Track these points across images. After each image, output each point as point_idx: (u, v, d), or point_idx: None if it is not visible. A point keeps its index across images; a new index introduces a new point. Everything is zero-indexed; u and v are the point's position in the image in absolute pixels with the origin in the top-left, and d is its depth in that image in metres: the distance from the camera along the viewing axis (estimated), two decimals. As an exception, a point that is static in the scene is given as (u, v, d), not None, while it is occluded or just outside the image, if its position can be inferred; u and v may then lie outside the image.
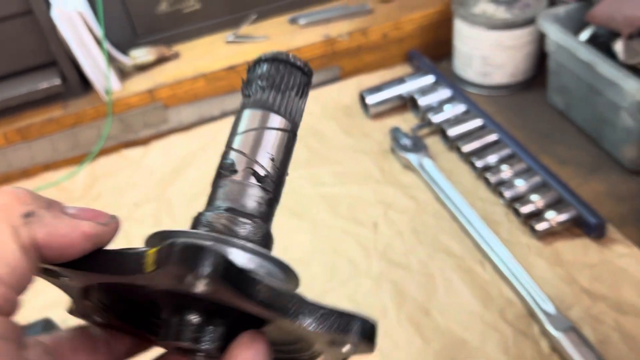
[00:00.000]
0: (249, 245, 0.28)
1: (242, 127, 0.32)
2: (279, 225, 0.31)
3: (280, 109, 0.32)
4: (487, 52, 1.09)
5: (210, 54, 1.15)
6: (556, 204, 0.84)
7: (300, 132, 0.33)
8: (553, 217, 0.83)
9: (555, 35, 0.96)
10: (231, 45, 1.16)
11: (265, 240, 0.30)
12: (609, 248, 0.81)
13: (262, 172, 0.31)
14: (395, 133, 1.02)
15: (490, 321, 0.74)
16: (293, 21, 1.19)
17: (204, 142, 1.10)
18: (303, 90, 0.33)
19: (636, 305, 0.73)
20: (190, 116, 1.13)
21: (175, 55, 1.15)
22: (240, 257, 0.27)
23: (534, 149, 0.98)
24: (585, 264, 0.79)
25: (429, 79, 1.11)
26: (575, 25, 0.99)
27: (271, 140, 0.32)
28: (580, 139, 1.00)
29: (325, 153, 1.04)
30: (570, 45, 0.93)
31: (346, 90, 1.16)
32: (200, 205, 0.32)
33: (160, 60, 1.14)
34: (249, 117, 0.32)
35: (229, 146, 0.32)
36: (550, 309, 0.73)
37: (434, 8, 1.18)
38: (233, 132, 0.33)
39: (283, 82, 0.32)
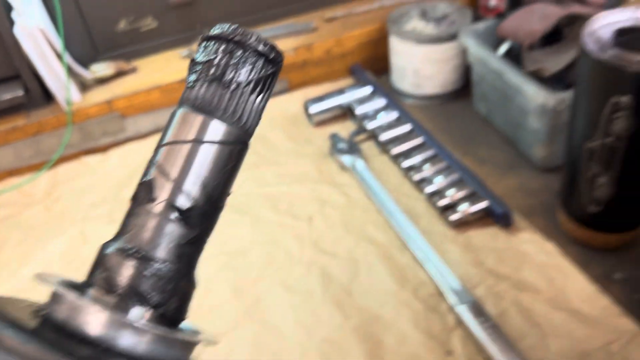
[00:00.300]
0: (142, 325, 0.24)
1: (172, 134, 0.26)
2: (221, 219, 0.29)
3: (226, 113, 0.26)
4: (418, 65, 1.19)
5: (166, 68, 1.24)
6: (469, 197, 0.94)
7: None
8: (465, 209, 0.92)
9: (474, 48, 1.07)
10: (186, 59, 1.25)
11: (181, 293, 0.26)
12: (515, 235, 0.90)
13: (186, 204, 0.26)
14: (333, 138, 1.12)
15: (404, 299, 0.83)
16: (244, 38, 1.29)
17: (159, 149, 1.18)
18: (264, 85, 0.27)
19: (533, 284, 0.83)
20: (147, 125, 1.21)
21: (133, 70, 1.24)
22: (128, 342, 0.23)
23: (459, 151, 1.08)
24: (493, 248, 0.88)
25: (367, 90, 1.21)
26: (494, 40, 1.10)
27: (207, 160, 0.26)
28: (499, 141, 1.10)
29: (271, 157, 1.13)
30: (485, 57, 1.04)
31: (293, 101, 1.26)
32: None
33: (119, 74, 1.22)
34: (183, 122, 0.26)
35: (153, 158, 0.27)
36: (457, 286, 0.81)
37: (372, 26, 1.29)
38: (162, 139, 0.27)
39: (237, 74, 0.26)
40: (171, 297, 0.25)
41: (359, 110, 1.16)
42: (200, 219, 0.26)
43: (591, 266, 0.84)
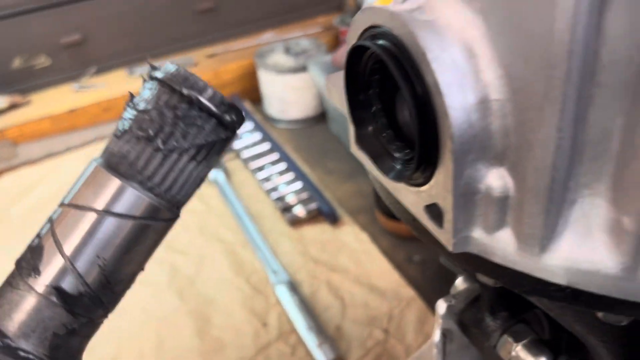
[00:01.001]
0: None
1: (78, 192, 0.21)
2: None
3: (151, 181, 0.21)
4: (282, 94, 1.37)
5: (58, 100, 1.38)
6: (305, 201, 1.10)
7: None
8: (300, 210, 1.08)
9: (318, 76, 1.25)
10: (77, 93, 1.40)
11: None
12: (339, 229, 1.06)
13: (75, 290, 0.21)
14: (203, 157, 1.27)
15: (237, 285, 0.97)
16: (131, 72, 1.45)
17: (48, 173, 1.31)
18: (210, 152, 0.22)
19: (345, 266, 0.98)
20: (38, 152, 1.34)
21: (27, 103, 1.37)
22: None
23: (312, 164, 1.24)
24: (319, 240, 1.04)
25: (238, 115, 1.38)
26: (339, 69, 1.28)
27: (113, 237, 0.21)
28: (345, 155, 1.27)
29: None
30: (323, 83, 1.22)
31: (175, 127, 1.41)
32: (32, 225, 0.24)
33: (14, 107, 1.36)
34: (95, 181, 0.21)
35: (52, 216, 0.21)
36: (278, 270, 0.96)
37: (248, 60, 1.46)
38: (67, 195, 0.22)
39: (177, 137, 0.20)
40: None
41: (228, 133, 1.32)
42: (90, 307, 0.22)
43: (396, 251, 1.01)
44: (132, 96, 0.24)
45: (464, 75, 0.28)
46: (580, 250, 0.29)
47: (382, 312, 0.89)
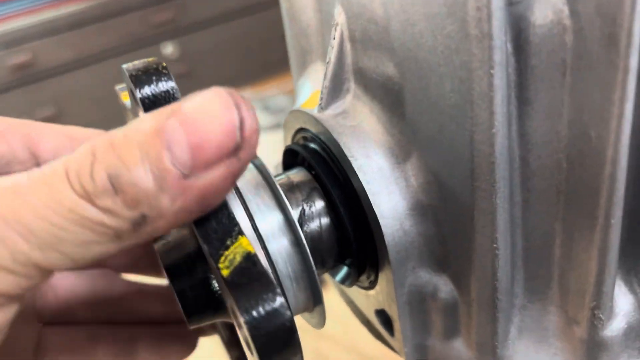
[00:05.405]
0: None
1: None
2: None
3: None
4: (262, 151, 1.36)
5: None
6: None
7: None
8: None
9: (295, 135, 1.25)
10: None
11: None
12: (325, 291, 1.03)
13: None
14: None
15: (221, 360, 0.93)
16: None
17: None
18: None
19: (331, 333, 0.95)
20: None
21: (5, 181, 1.36)
22: None
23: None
24: (304, 306, 1.01)
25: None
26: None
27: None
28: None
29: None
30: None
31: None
32: None
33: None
34: None
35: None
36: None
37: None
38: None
39: None
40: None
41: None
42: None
43: (384, 311, 0.97)
44: None
45: (391, 181, 0.26)
46: (537, 358, 0.27)
47: (373, 380, 0.85)
